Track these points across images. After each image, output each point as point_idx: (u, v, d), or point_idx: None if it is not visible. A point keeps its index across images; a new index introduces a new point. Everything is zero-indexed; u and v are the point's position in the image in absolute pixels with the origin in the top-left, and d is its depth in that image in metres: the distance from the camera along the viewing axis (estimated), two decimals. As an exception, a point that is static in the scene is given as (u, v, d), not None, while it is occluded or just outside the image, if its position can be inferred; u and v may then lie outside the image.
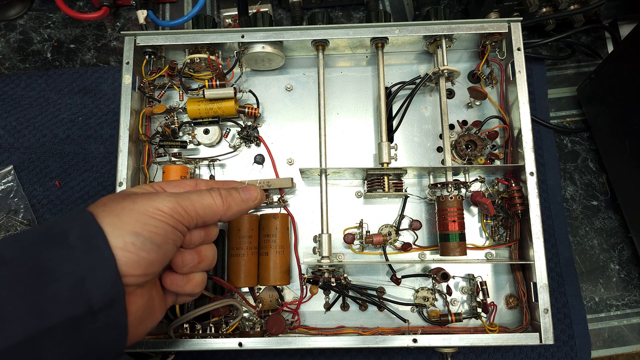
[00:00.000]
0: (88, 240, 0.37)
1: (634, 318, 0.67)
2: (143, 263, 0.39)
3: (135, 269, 0.39)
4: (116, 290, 0.37)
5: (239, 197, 0.48)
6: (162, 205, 0.41)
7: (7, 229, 0.67)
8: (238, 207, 0.48)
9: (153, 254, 0.40)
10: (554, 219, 0.68)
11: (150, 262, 0.40)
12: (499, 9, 0.72)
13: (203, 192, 0.46)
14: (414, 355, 0.64)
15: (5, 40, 0.80)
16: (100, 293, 0.36)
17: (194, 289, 0.47)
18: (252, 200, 0.49)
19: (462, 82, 0.67)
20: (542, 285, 0.55)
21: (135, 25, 0.80)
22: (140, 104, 0.65)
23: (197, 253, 0.47)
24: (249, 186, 0.50)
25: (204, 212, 0.45)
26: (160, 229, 0.41)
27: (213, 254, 0.49)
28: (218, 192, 0.46)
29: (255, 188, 0.50)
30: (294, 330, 0.60)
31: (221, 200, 0.46)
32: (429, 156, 0.66)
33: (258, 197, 0.50)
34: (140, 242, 0.39)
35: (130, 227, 0.39)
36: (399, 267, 0.62)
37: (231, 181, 0.54)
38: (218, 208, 0.46)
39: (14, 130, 0.73)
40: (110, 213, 0.40)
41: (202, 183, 0.50)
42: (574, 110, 0.76)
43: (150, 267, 0.40)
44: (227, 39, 0.63)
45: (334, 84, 0.68)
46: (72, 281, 0.36)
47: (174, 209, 0.42)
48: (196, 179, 0.52)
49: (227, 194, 0.47)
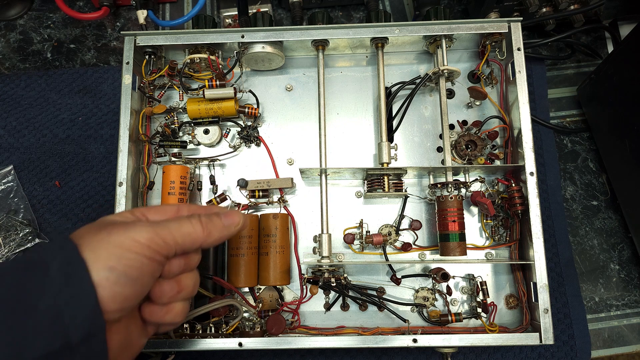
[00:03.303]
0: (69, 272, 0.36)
1: (634, 318, 0.67)
2: (118, 298, 0.38)
3: (110, 305, 0.37)
4: (95, 324, 0.36)
5: (220, 224, 0.46)
6: (138, 236, 0.40)
7: (7, 229, 0.67)
8: (219, 233, 0.46)
9: (128, 288, 0.39)
10: (554, 219, 0.68)
11: (126, 297, 0.39)
12: (499, 9, 0.72)
13: (182, 219, 0.44)
14: (414, 355, 0.64)
15: (5, 40, 0.80)
16: (79, 327, 0.35)
17: (174, 319, 0.45)
18: (235, 225, 0.47)
19: (462, 82, 0.67)
20: (542, 285, 0.55)
21: (135, 25, 0.80)
22: (140, 104, 0.65)
23: (177, 282, 0.45)
24: (231, 211, 0.49)
25: (183, 240, 0.43)
26: (136, 262, 0.39)
27: (194, 282, 0.47)
28: (198, 219, 0.45)
29: (238, 213, 0.49)
30: (294, 330, 0.60)
31: (201, 227, 0.44)
32: (429, 156, 0.66)
33: (240, 222, 0.48)
34: (115, 276, 0.37)
35: (105, 261, 0.38)
36: (399, 267, 0.62)
37: (214, 206, 0.51)
38: (198, 235, 0.44)
39: (14, 130, 0.73)
40: (87, 247, 0.38)
41: (184, 208, 0.48)
42: (574, 110, 0.76)
43: (126, 302, 0.39)
44: (227, 39, 0.63)
45: (334, 84, 0.68)
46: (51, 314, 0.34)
47: (151, 239, 0.40)
48: (178, 205, 0.50)
49: (208, 221, 0.45)
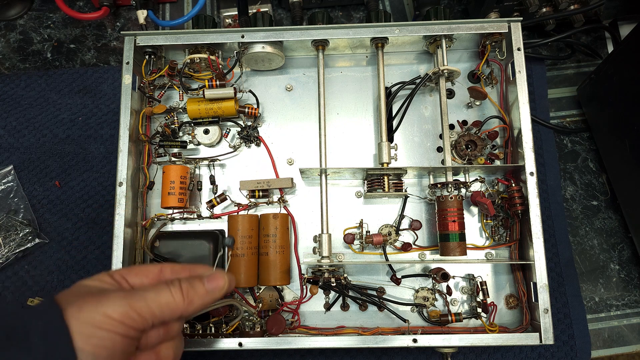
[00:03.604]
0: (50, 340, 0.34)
1: (634, 318, 0.67)
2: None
3: None
4: None
5: (202, 290, 0.43)
6: (111, 310, 0.37)
7: (7, 229, 0.67)
8: (201, 300, 0.43)
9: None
10: (554, 219, 0.68)
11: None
12: (499, 9, 0.72)
13: (161, 287, 0.41)
14: (414, 355, 0.64)
15: (5, 40, 0.80)
16: None
17: None
18: (219, 290, 0.44)
19: (462, 82, 0.67)
20: (542, 285, 0.55)
21: (135, 25, 0.80)
22: (140, 104, 0.65)
23: (156, 354, 0.42)
24: (214, 274, 0.45)
25: (161, 311, 0.40)
26: (108, 340, 0.36)
27: (175, 351, 0.44)
28: (178, 286, 0.41)
29: (222, 275, 0.45)
30: (294, 330, 0.60)
31: (181, 296, 0.41)
32: (429, 156, 0.66)
33: (225, 286, 0.45)
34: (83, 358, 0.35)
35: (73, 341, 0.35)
36: (399, 267, 0.62)
37: (198, 266, 0.48)
38: (177, 305, 0.41)
39: (14, 130, 0.73)
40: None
41: (168, 270, 0.45)
42: (574, 110, 0.76)
43: None
44: (227, 39, 0.63)
45: (334, 84, 0.68)
46: None
47: (125, 314, 0.37)
48: (161, 265, 0.46)
49: (189, 287, 0.42)
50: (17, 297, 0.66)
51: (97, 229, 0.69)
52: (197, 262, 0.60)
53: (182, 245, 0.61)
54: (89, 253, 0.68)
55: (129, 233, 0.60)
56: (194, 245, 0.61)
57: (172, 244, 0.61)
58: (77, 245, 0.69)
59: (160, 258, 0.60)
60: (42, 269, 0.68)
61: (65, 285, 0.67)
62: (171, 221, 0.64)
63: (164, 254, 0.60)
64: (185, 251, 0.60)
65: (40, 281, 0.67)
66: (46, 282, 0.67)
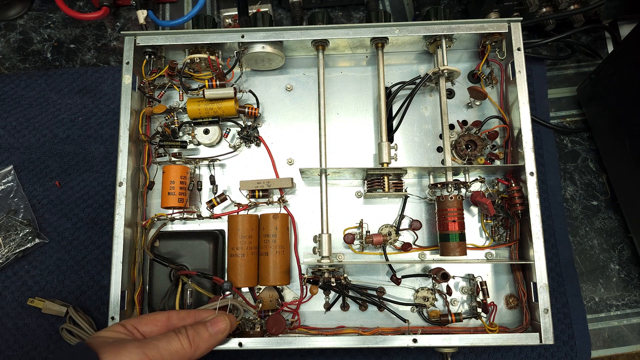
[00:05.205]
0: None
1: (634, 318, 0.67)
2: None
3: None
4: None
5: (207, 335, 0.49)
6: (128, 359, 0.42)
7: (7, 229, 0.67)
8: (206, 344, 0.49)
9: None
10: (554, 219, 0.68)
11: None
12: (499, 9, 0.72)
13: (171, 336, 0.46)
14: (414, 355, 0.64)
15: (5, 40, 0.80)
16: None
17: None
18: (222, 332, 0.50)
19: (462, 82, 0.67)
20: (542, 285, 0.55)
21: (135, 25, 0.80)
22: (140, 104, 0.65)
23: None
24: (216, 318, 0.51)
25: (172, 358, 0.45)
26: None
27: None
28: (185, 334, 0.47)
29: (224, 318, 0.51)
30: (294, 330, 0.60)
31: (188, 343, 0.47)
32: (429, 156, 0.66)
33: (227, 328, 0.51)
34: None
35: None
36: (399, 267, 0.62)
37: (202, 311, 0.53)
38: (186, 352, 0.46)
39: (14, 130, 0.73)
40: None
41: (174, 317, 0.51)
42: (574, 110, 0.76)
43: None
44: (227, 39, 0.63)
45: (334, 84, 0.68)
46: None
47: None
48: (168, 312, 0.52)
49: (195, 334, 0.48)
50: (17, 297, 0.66)
51: (97, 229, 0.69)
52: (197, 262, 0.60)
53: (182, 245, 0.61)
54: (89, 253, 0.68)
55: (129, 233, 0.60)
56: (194, 245, 0.61)
57: (172, 244, 0.61)
58: (77, 245, 0.69)
59: (160, 258, 0.60)
60: (42, 269, 0.68)
61: (65, 285, 0.67)
62: (171, 221, 0.64)
63: (164, 254, 0.60)
64: (185, 251, 0.61)
65: (40, 281, 0.67)
66: (46, 282, 0.67)
